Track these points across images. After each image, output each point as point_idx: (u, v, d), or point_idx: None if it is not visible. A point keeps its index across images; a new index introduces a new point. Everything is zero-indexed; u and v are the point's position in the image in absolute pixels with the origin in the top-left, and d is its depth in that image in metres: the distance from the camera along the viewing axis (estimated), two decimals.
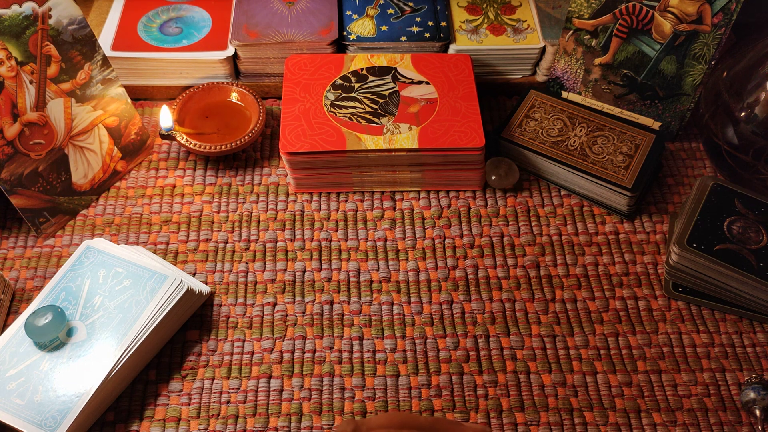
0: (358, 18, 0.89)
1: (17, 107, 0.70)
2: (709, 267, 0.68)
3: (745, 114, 0.74)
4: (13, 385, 0.61)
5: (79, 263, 0.69)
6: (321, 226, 0.77)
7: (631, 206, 0.77)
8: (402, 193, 0.80)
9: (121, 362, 0.62)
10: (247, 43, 0.85)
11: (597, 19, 0.80)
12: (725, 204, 0.72)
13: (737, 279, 0.68)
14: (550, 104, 0.83)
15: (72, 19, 0.73)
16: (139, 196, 0.79)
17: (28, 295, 0.71)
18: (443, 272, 0.74)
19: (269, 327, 0.69)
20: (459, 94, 0.79)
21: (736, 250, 0.68)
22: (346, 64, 0.82)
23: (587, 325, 0.70)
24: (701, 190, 0.74)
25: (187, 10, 0.91)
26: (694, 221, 0.71)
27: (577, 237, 0.77)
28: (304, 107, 0.78)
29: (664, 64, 0.79)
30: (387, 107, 0.78)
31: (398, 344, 0.69)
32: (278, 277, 0.73)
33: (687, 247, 0.69)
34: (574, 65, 0.84)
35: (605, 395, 0.66)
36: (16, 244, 0.75)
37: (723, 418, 0.65)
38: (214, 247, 0.75)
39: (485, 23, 0.89)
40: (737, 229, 0.70)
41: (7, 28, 0.69)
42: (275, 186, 0.80)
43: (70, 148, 0.75)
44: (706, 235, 0.70)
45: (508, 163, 0.80)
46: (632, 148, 0.78)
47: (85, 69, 0.75)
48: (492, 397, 0.65)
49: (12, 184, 0.71)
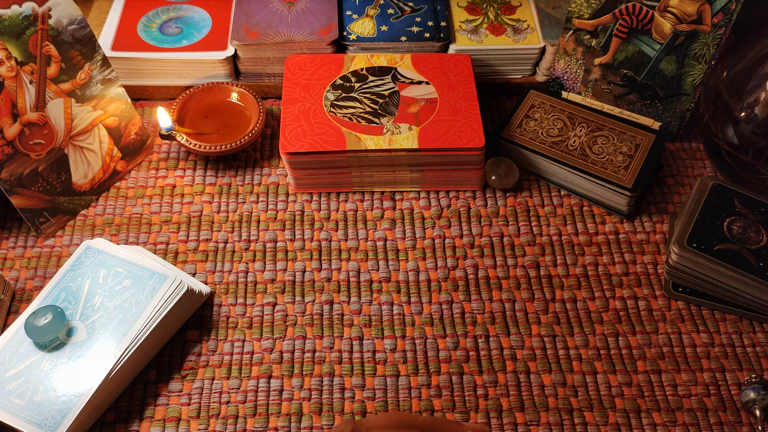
0: (358, 18, 0.89)
1: (17, 107, 0.70)
2: (709, 267, 0.68)
3: (745, 114, 0.74)
4: (13, 385, 0.61)
5: (79, 263, 0.69)
6: (321, 226, 0.77)
7: (631, 206, 0.77)
8: (402, 193, 0.80)
9: (121, 362, 0.62)
10: (247, 43, 0.85)
11: (597, 19, 0.80)
12: (725, 204, 0.72)
13: (737, 279, 0.68)
14: (550, 104, 0.83)
15: (72, 19, 0.73)
16: (139, 196, 0.79)
17: (28, 295, 0.71)
18: (443, 272, 0.74)
19: (269, 327, 0.69)
20: (459, 94, 0.79)
21: (736, 250, 0.68)
22: (346, 64, 0.82)
23: (587, 325, 0.70)
24: (701, 190, 0.74)
25: (187, 10, 0.91)
26: (694, 221, 0.71)
27: (577, 237, 0.77)
28: (304, 107, 0.78)
29: (664, 64, 0.79)
30: (387, 107, 0.78)
31: (398, 344, 0.69)
32: (278, 277, 0.73)
33: (687, 247, 0.69)
34: (574, 65, 0.84)
35: (605, 395, 0.66)
36: (16, 244, 0.75)
37: (723, 418, 0.65)
38: (214, 247, 0.75)
39: (485, 23, 0.89)
40: (737, 229, 0.70)
41: (7, 28, 0.69)
42: (275, 186, 0.80)
43: (70, 148, 0.75)
44: (706, 235, 0.70)
45: (508, 163, 0.80)
46: (632, 148, 0.78)
47: (85, 69, 0.75)
48: (492, 397, 0.65)
49: (12, 184, 0.71)
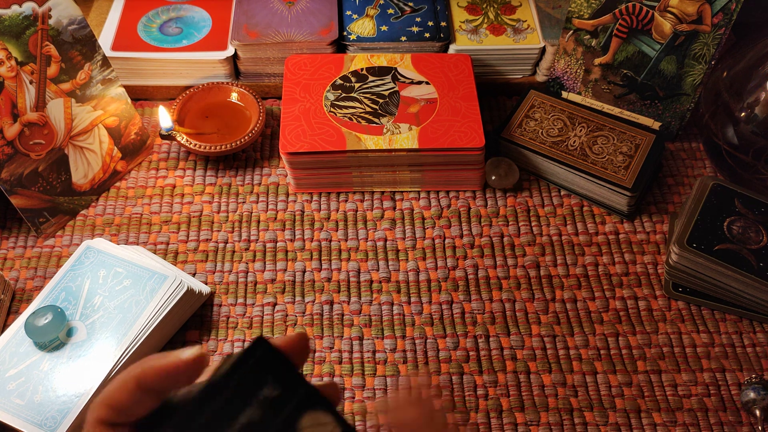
0: (358, 18, 0.89)
1: (17, 107, 0.70)
2: (709, 267, 0.68)
3: (745, 114, 0.74)
4: (13, 385, 0.61)
5: (79, 263, 0.69)
6: (321, 226, 0.77)
7: (631, 206, 0.77)
8: (402, 193, 0.80)
9: (121, 362, 0.62)
10: (247, 43, 0.85)
11: (597, 19, 0.80)
12: (725, 204, 0.72)
13: (737, 279, 0.68)
14: (550, 104, 0.83)
15: (72, 19, 0.73)
16: (139, 196, 0.79)
17: (28, 295, 0.71)
18: (443, 272, 0.74)
19: (269, 327, 0.69)
20: (459, 94, 0.79)
21: (736, 250, 0.68)
22: (346, 64, 0.82)
23: (587, 325, 0.70)
24: (701, 190, 0.74)
25: (187, 10, 0.91)
26: (694, 221, 0.71)
27: (577, 237, 0.77)
28: (304, 107, 0.78)
29: (664, 64, 0.79)
30: (387, 107, 0.78)
31: (398, 344, 0.69)
32: (278, 277, 0.73)
33: (687, 247, 0.69)
34: (574, 65, 0.84)
35: (605, 395, 0.66)
36: (16, 244, 0.75)
37: (723, 418, 0.65)
38: (214, 247, 0.75)
39: (485, 23, 0.89)
40: (737, 229, 0.70)
41: (7, 28, 0.69)
42: (275, 186, 0.80)
43: (70, 148, 0.75)
44: (706, 235, 0.70)
45: (508, 163, 0.80)
46: (632, 148, 0.78)
47: (85, 69, 0.75)
48: (492, 397, 0.65)
49: (12, 184, 0.71)
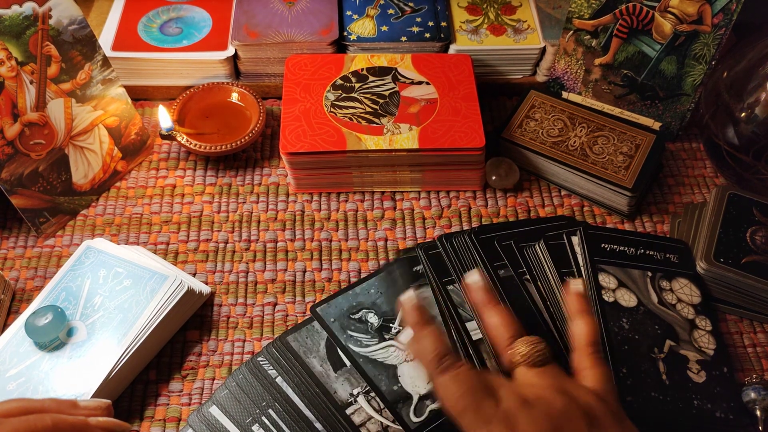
0: (359, 18, 0.89)
1: (17, 107, 0.70)
2: (740, 280, 0.68)
3: (746, 114, 0.74)
4: (13, 385, 0.61)
5: (79, 263, 0.68)
6: (321, 226, 0.77)
7: (631, 206, 0.77)
8: (402, 193, 0.80)
9: (122, 362, 0.62)
10: (247, 44, 0.85)
11: (597, 19, 0.80)
12: (744, 214, 0.72)
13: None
14: (551, 104, 0.83)
15: (72, 19, 0.73)
16: (140, 196, 0.79)
17: (28, 295, 0.71)
18: None
19: (270, 327, 0.69)
20: (459, 95, 0.79)
21: (763, 261, 0.68)
22: (346, 65, 0.82)
23: None
24: (718, 201, 0.73)
25: (188, 10, 0.91)
26: (717, 234, 0.70)
27: None
28: (305, 107, 0.78)
29: (665, 64, 0.79)
30: (387, 107, 0.78)
31: None
32: (278, 277, 0.73)
33: (715, 262, 0.68)
34: (575, 65, 0.84)
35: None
36: (16, 244, 0.75)
37: None
38: (214, 247, 0.75)
39: (485, 23, 0.89)
40: (760, 239, 0.69)
41: (7, 28, 0.68)
42: (275, 186, 0.80)
43: (71, 148, 0.75)
44: (731, 248, 0.69)
45: (509, 164, 0.80)
46: (632, 149, 0.78)
47: (86, 69, 0.75)
48: None
49: (12, 184, 0.71)
